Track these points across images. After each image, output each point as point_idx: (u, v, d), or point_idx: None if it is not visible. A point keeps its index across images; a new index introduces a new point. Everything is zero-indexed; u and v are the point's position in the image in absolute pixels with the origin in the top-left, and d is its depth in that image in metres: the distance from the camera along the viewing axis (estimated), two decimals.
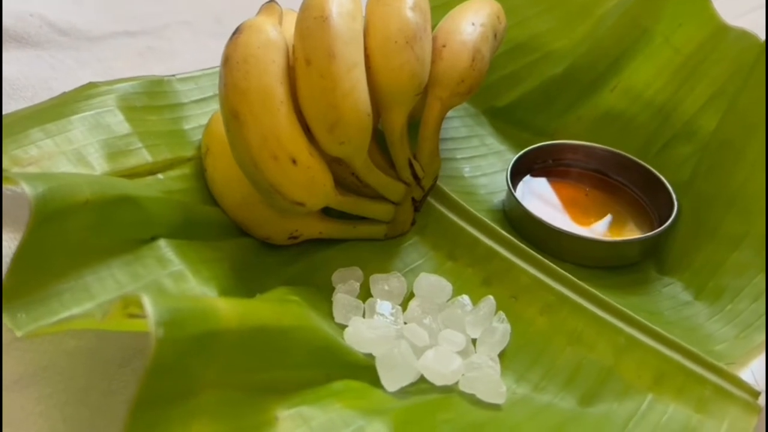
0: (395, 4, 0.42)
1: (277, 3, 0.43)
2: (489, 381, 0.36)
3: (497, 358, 0.38)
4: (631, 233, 0.48)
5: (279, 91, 0.39)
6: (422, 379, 0.36)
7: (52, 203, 0.31)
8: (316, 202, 0.40)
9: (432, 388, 0.36)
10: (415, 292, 0.42)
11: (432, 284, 0.42)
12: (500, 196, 0.50)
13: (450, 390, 0.36)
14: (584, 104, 0.55)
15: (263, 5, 0.42)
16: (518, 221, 0.48)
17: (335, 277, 0.42)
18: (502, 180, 0.51)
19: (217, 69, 0.52)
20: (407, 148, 0.44)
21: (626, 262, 0.46)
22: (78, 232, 0.33)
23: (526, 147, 0.51)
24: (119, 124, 0.42)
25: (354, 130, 0.39)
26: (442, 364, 0.36)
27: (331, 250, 0.44)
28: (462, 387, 0.36)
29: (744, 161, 0.45)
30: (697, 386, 0.36)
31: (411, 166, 0.44)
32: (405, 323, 0.39)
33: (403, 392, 0.35)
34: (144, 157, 0.42)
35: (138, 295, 0.25)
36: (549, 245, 0.45)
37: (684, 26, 0.52)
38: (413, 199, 0.45)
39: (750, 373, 0.37)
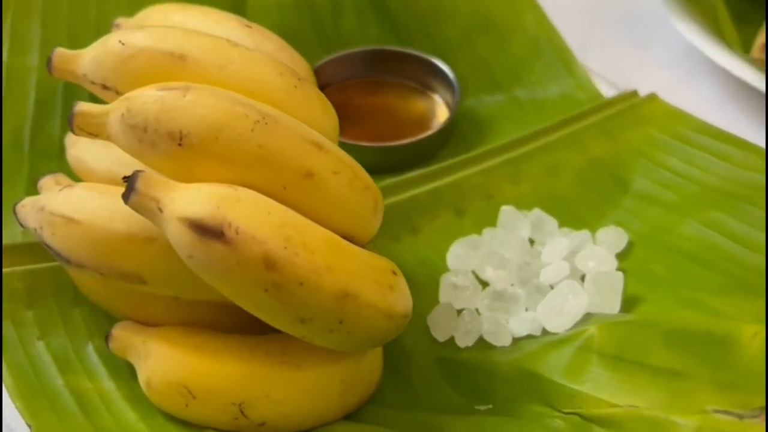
0: (249, 51, 0.32)
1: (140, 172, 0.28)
2: None
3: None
4: (434, 102, 0.50)
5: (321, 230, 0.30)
6: None
7: None
8: None
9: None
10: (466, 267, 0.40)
11: (468, 249, 0.40)
12: None
13: None
14: None
15: (131, 183, 0.27)
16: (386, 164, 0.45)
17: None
18: None
19: None
20: None
21: None
22: None
23: None
24: None
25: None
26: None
27: None
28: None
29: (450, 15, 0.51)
30: (630, 126, 0.45)
31: None
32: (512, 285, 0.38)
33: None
34: None
35: None
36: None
37: None
38: None
39: (614, 89, 0.48)
